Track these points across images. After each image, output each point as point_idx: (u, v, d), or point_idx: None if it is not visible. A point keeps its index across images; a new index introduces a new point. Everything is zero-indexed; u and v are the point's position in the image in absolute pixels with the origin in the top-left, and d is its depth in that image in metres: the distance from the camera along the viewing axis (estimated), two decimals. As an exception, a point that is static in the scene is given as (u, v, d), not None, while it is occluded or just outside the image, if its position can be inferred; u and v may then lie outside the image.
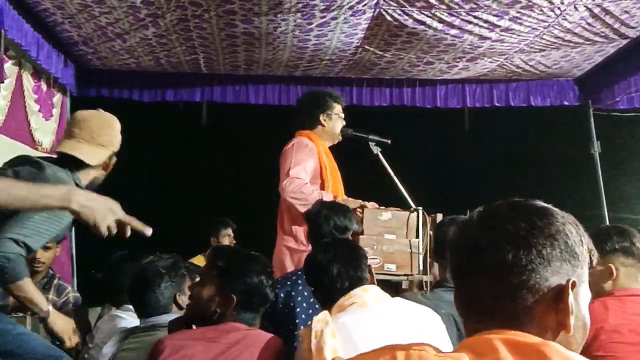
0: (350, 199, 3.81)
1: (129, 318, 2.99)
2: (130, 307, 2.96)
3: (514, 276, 1.06)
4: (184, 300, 2.61)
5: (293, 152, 3.81)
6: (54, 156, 2.78)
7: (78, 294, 4.02)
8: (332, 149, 4.12)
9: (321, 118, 4.01)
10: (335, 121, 4.05)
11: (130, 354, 2.52)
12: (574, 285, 1.07)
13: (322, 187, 3.86)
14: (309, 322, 2.01)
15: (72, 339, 2.77)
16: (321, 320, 1.97)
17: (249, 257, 2.38)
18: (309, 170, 3.82)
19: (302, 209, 3.45)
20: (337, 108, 4.07)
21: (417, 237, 3.42)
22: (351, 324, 2.03)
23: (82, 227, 1.77)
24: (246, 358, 2.15)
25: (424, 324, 2.17)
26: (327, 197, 3.70)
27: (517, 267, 1.06)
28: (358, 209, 3.66)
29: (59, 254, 4.07)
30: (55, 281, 3.94)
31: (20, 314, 3.26)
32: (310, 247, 3.17)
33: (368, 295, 2.18)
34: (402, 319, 2.11)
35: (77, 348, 2.94)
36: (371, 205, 3.75)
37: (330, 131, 4.04)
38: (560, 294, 1.06)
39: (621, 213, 5.92)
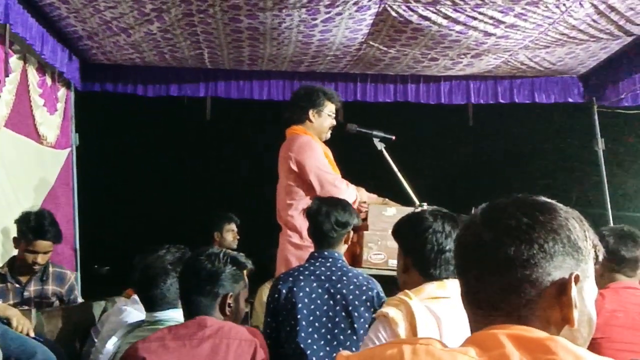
0: (373, 195, 3.84)
1: (134, 311, 3.00)
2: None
3: (516, 270, 1.06)
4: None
5: (314, 158, 3.76)
6: (61, 151, 2.82)
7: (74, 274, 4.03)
8: (336, 145, 4.10)
9: (310, 113, 3.95)
10: (324, 119, 3.98)
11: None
12: (577, 279, 1.07)
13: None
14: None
15: (19, 321, 2.97)
16: (422, 311, 1.88)
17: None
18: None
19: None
20: (330, 107, 4.00)
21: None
22: (446, 319, 1.94)
23: (86, 221, 1.79)
24: (223, 350, 2.17)
25: None
26: (351, 192, 3.72)
27: (519, 261, 1.06)
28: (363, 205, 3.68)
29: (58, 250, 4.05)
30: (51, 269, 3.92)
31: (26, 307, 3.29)
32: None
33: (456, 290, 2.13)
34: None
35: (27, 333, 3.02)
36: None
37: (318, 128, 3.96)
38: (563, 287, 1.06)
39: (624, 210, 5.92)
